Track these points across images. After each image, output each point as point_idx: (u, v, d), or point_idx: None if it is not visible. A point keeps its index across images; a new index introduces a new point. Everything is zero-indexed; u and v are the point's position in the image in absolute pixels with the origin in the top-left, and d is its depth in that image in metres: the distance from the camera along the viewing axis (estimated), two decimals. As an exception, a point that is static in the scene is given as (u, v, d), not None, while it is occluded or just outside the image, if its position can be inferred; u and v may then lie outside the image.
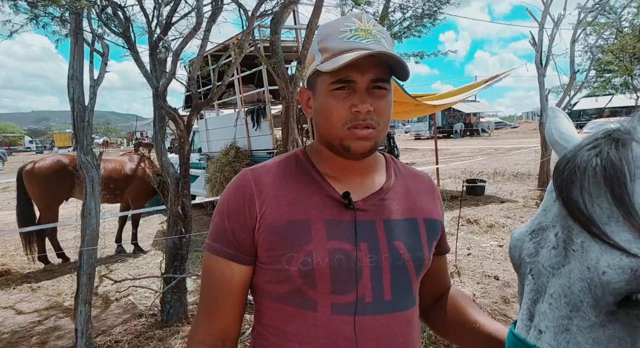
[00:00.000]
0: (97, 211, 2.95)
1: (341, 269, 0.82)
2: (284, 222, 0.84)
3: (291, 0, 3.60)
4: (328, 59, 0.82)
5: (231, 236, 0.86)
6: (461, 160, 15.47)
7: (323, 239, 0.83)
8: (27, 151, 49.92)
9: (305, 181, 0.89)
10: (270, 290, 0.86)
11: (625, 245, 0.54)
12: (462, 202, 5.64)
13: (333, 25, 0.86)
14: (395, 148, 7.74)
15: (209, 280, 0.90)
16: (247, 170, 0.92)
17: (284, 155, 0.97)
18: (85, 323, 2.89)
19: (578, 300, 0.58)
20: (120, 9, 3.28)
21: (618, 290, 0.55)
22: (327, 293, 0.82)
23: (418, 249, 0.89)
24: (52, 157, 5.73)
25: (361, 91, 0.82)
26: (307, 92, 0.91)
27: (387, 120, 0.86)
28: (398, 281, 0.86)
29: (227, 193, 0.90)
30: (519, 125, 42.22)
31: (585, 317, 0.57)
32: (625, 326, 0.56)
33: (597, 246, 0.57)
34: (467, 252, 5.21)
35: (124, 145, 43.75)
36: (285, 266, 0.82)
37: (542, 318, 0.61)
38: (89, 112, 2.92)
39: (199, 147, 8.83)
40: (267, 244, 0.84)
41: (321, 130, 0.88)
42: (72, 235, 6.98)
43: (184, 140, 3.54)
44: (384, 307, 0.84)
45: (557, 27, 8.29)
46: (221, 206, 0.90)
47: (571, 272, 0.59)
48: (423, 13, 3.64)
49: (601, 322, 0.57)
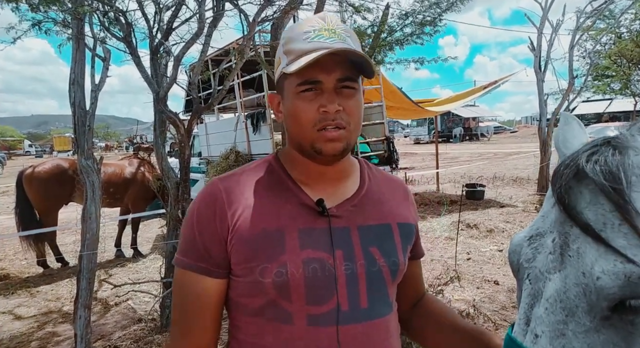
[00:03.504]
0: (97, 215, 2.95)
1: (316, 279, 0.80)
2: (257, 232, 0.81)
3: (292, 6, 3.61)
4: (293, 60, 0.80)
5: (202, 249, 0.83)
6: (460, 164, 15.48)
7: (297, 249, 0.80)
8: (26, 155, 49.86)
9: (278, 189, 0.87)
10: (245, 303, 0.84)
11: (621, 251, 0.55)
12: (462, 207, 5.64)
13: (297, 27, 0.84)
14: (394, 152, 7.74)
15: (183, 296, 0.86)
16: (216, 179, 0.88)
17: (255, 162, 0.94)
18: (84, 328, 2.88)
19: (573, 305, 0.59)
20: (122, 14, 3.30)
21: (612, 296, 0.55)
22: (302, 304, 0.80)
23: (393, 254, 0.88)
24: (52, 162, 5.73)
25: (329, 91, 0.80)
26: (276, 97, 0.89)
27: (357, 120, 0.83)
28: (374, 288, 0.84)
29: (196, 204, 0.86)
30: (518, 129, 42.33)
31: (580, 322, 0.58)
32: (620, 331, 0.57)
33: (592, 252, 0.57)
34: (466, 256, 5.21)
35: (123, 149, 44.01)
36: (259, 278, 0.80)
37: (539, 323, 0.62)
38: (90, 116, 2.93)
39: (199, 151, 8.84)
40: (239, 256, 0.81)
41: (292, 134, 0.86)
42: (71, 240, 6.97)
43: (184, 145, 3.55)
44: (360, 315, 0.82)
45: (556, 33, 8.33)
46: (190, 218, 0.86)
47: (567, 277, 0.60)
48: (424, 20, 3.66)
49: (596, 327, 0.57)
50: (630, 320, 0.56)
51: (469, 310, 3.67)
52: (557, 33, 8.33)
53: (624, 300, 0.55)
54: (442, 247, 5.68)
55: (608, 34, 10.29)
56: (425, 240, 6.02)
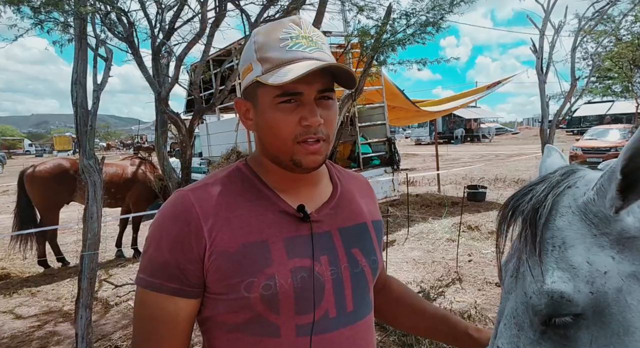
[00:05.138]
0: (99, 215, 2.95)
1: (305, 288, 0.78)
2: (239, 246, 0.76)
3: (293, 7, 3.61)
4: (270, 69, 0.76)
5: (174, 269, 0.76)
6: (462, 166, 15.47)
7: (284, 259, 0.78)
8: (26, 154, 49.94)
9: (254, 198, 0.82)
10: (225, 320, 0.79)
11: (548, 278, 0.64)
12: (463, 208, 5.63)
13: (270, 31, 0.79)
14: (396, 153, 7.74)
15: (148, 320, 0.79)
16: (185, 191, 0.81)
17: (223, 170, 0.88)
18: (85, 328, 2.88)
19: (522, 320, 0.68)
20: (124, 14, 3.30)
21: (540, 312, 0.64)
22: (291, 315, 0.77)
23: (372, 253, 0.88)
24: (53, 161, 5.73)
25: (309, 103, 0.77)
26: (245, 103, 0.84)
27: (334, 130, 0.82)
28: (358, 289, 0.84)
29: (165, 220, 0.79)
30: (519, 131, 42.27)
31: (527, 335, 0.66)
32: (556, 344, 0.65)
33: (529, 275, 0.66)
34: (468, 258, 5.19)
35: (121, 149, 44.38)
36: (244, 294, 0.75)
37: (499, 336, 0.71)
38: (92, 116, 2.93)
39: (200, 151, 8.84)
40: (220, 273, 0.76)
41: (268, 145, 0.82)
42: (72, 239, 6.97)
43: (185, 145, 3.55)
44: (347, 319, 0.82)
45: (558, 34, 8.33)
46: (157, 234, 0.78)
47: (517, 296, 0.69)
48: (427, 21, 3.65)
49: (538, 340, 0.66)
50: (562, 333, 0.64)
51: (470, 312, 3.66)
52: (559, 35, 8.33)
53: (551, 318, 0.63)
54: (443, 248, 5.67)
55: (609, 37, 10.29)
56: (427, 242, 6.01)
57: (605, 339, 0.62)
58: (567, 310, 0.62)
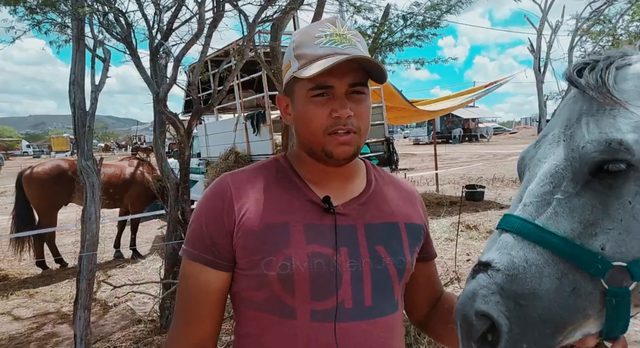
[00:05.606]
0: (97, 216, 2.94)
1: (321, 274, 0.81)
2: (263, 225, 0.83)
3: (292, 7, 3.61)
4: (305, 65, 0.82)
5: (209, 241, 0.85)
6: (460, 165, 15.49)
7: (303, 243, 0.82)
8: (24, 155, 49.80)
9: (285, 185, 0.89)
10: (249, 297, 0.86)
11: (607, 129, 0.66)
12: (462, 208, 5.64)
13: (308, 31, 0.86)
14: (394, 153, 7.74)
15: (186, 287, 0.88)
16: (226, 175, 0.91)
17: (264, 160, 0.97)
18: (84, 329, 2.87)
19: (561, 176, 0.69)
20: (122, 15, 3.29)
21: (592, 159, 0.66)
22: (306, 299, 0.81)
23: (400, 253, 0.89)
24: (52, 162, 5.72)
25: (340, 96, 0.82)
26: (285, 99, 0.91)
27: (367, 124, 0.86)
28: (379, 286, 0.85)
29: (205, 198, 0.89)
30: (517, 130, 42.36)
31: (565, 190, 0.69)
32: (598, 194, 0.67)
33: (581, 132, 0.69)
34: (466, 258, 5.20)
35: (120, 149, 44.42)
36: (264, 271, 0.81)
37: (529, 195, 0.72)
38: (90, 117, 2.92)
39: (198, 152, 8.82)
40: (245, 249, 0.83)
41: (302, 137, 0.88)
42: (70, 240, 6.95)
43: (184, 146, 3.54)
44: (364, 313, 0.83)
45: (555, 34, 8.35)
46: (198, 211, 0.89)
47: (559, 156, 0.71)
48: (424, 21, 3.66)
49: (578, 192, 0.68)
50: (609, 183, 0.66)
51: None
52: (556, 34, 8.35)
53: (603, 165, 0.65)
54: (441, 248, 5.68)
55: (607, 37, 10.31)
56: (425, 241, 6.02)
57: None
58: (622, 156, 0.64)
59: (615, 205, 0.66)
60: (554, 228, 0.67)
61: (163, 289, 3.59)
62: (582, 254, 0.65)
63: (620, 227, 0.65)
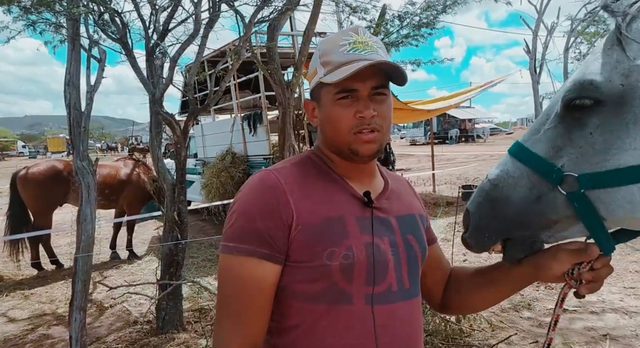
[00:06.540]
0: (92, 217, 2.93)
1: (375, 261, 0.88)
2: (321, 219, 0.87)
3: (288, 7, 3.61)
4: (331, 71, 0.89)
5: (266, 235, 0.85)
6: (456, 166, 15.53)
7: (358, 234, 0.89)
8: (19, 156, 49.55)
9: (327, 180, 0.94)
10: (301, 289, 0.87)
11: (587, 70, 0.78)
12: (458, 208, 5.65)
13: (332, 40, 0.93)
14: (391, 154, 7.75)
15: (238, 284, 0.87)
16: (269, 171, 0.93)
17: (294, 158, 1.00)
18: (79, 331, 2.86)
19: (551, 110, 0.84)
20: (118, 15, 3.28)
21: (565, 97, 0.79)
22: (361, 285, 0.87)
23: (422, 241, 1.00)
24: (47, 163, 5.69)
25: (364, 98, 0.89)
26: (311, 103, 0.98)
27: (389, 123, 0.93)
28: (412, 270, 0.96)
29: (254, 193, 0.89)
30: (514, 131, 42.50)
31: (551, 120, 0.83)
32: (568, 125, 0.80)
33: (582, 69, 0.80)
34: (463, 258, 5.21)
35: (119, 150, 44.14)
36: (326, 261, 0.85)
37: (532, 126, 0.89)
38: (85, 117, 2.91)
39: (195, 152, 8.80)
40: (305, 242, 0.86)
41: (329, 137, 0.94)
42: (65, 241, 6.92)
43: (180, 146, 3.53)
44: (406, 294, 0.93)
45: (551, 35, 8.40)
46: (247, 207, 0.88)
47: (557, 94, 0.85)
48: (420, 22, 3.66)
49: (556, 125, 0.82)
50: (577, 117, 0.79)
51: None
52: (552, 35, 8.39)
53: (572, 101, 0.78)
54: (438, 248, 5.68)
55: (601, 38, 10.37)
56: (422, 242, 6.02)
57: (612, 125, 0.75)
58: (588, 94, 0.76)
59: (579, 135, 0.78)
60: (535, 150, 0.84)
61: (159, 290, 3.58)
62: (545, 166, 0.82)
63: (578, 152, 0.78)
